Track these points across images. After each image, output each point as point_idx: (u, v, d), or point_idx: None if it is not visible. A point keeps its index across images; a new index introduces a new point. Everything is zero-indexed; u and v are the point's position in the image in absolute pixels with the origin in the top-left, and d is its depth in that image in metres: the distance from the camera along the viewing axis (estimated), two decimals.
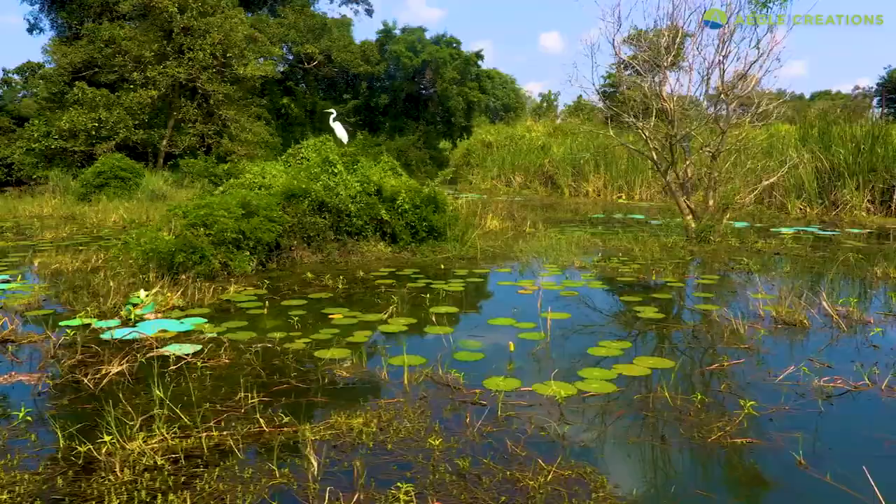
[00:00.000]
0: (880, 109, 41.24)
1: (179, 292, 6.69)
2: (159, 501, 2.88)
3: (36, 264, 8.57)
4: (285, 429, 3.62)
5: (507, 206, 14.82)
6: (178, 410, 3.75)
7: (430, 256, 9.46)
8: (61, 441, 3.42)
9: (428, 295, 6.91)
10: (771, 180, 12.01)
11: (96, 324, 5.79)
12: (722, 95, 10.82)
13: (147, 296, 6.40)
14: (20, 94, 29.50)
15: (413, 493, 2.90)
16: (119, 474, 3.10)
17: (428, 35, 28.51)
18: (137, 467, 3.17)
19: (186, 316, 6.14)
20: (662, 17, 11.84)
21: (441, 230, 9.96)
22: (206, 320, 5.96)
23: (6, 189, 22.54)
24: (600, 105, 12.38)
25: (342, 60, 25.37)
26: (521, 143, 29.17)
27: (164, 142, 20.22)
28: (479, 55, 29.11)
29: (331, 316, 6.14)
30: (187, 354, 4.91)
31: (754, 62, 10.09)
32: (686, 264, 9.06)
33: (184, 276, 7.60)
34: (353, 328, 5.73)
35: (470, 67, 28.40)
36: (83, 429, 3.57)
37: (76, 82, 19.32)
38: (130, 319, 5.89)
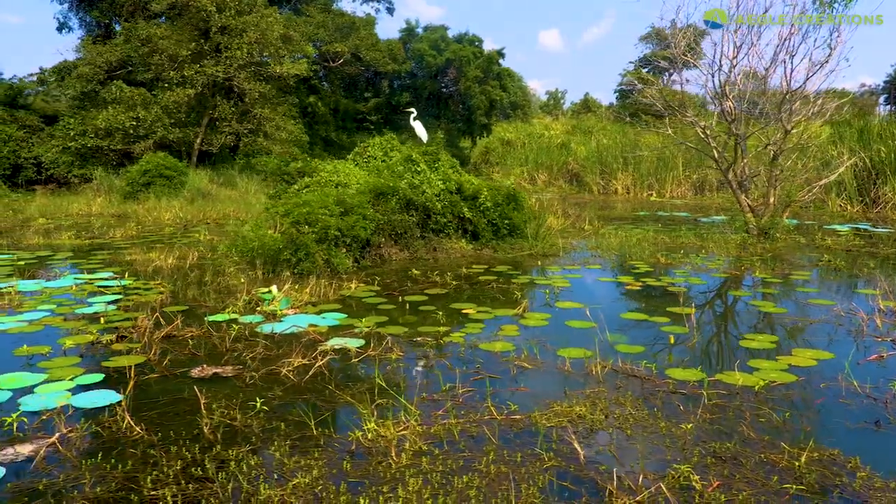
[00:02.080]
0: (888, 107, 41.74)
1: (308, 288, 6.83)
2: (455, 482, 3.04)
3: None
4: (516, 416, 3.78)
5: (561, 203, 15.01)
6: (402, 400, 3.91)
7: (511, 253, 9.64)
8: (314, 429, 3.58)
9: (546, 291, 7.08)
10: (831, 178, 12.25)
11: (242, 319, 5.94)
12: (787, 95, 11.03)
13: (279, 292, 6.55)
14: (26, 92, 29.34)
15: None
16: (397, 459, 3.26)
17: (450, 34, 28.72)
18: (408, 452, 3.33)
19: (321, 311, 6.29)
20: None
21: (520, 228, 10.13)
22: (344, 315, 6.11)
23: (35, 187, 22.51)
24: (656, 104, 12.55)
25: (370, 59, 25.54)
26: (540, 141, 29.42)
27: (199, 140, 20.28)
28: (500, 53, 29.33)
29: (464, 311, 6.31)
30: (359, 348, 5.07)
31: (825, 62, 10.30)
32: (768, 260, 9.25)
33: (287, 273, 7.76)
34: (494, 322, 5.89)
35: (492, 66, 28.59)
36: (325, 419, 3.72)
37: (113, 81, 19.35)
38: (276, 314, 6.03)
